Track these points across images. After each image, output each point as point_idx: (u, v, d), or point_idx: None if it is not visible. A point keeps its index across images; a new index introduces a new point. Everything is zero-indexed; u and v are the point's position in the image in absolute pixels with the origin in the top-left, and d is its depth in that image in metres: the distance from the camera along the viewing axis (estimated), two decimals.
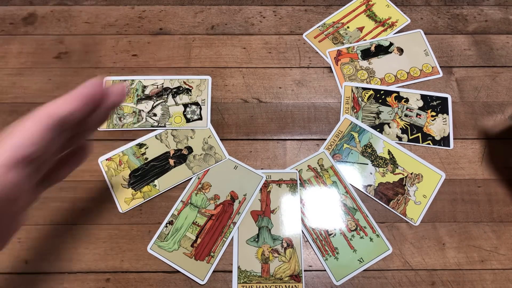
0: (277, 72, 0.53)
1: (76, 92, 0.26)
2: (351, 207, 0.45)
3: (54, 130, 0.25)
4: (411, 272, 0.43)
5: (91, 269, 0.43)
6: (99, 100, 0.28)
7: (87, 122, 0.29)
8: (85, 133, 0.32)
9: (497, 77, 0.53)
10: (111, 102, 0.29)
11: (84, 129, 0.31)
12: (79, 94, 0.26)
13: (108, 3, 0.57)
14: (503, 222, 0.45)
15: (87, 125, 0.30)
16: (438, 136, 0.49)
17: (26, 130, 0.25)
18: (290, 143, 0.49)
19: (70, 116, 0.26)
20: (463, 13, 0.57)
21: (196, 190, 0.46)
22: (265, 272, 0.42)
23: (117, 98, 0.30)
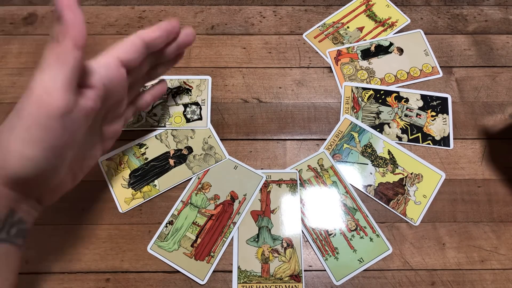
0: (277, 72, 0.53)
1: (159, 25, 0.36)
2: (351, 207, 0.45)
3: (144, 47, 0.35)
4: (411, 272, 0.43)
5: (91, 269, 0.43)
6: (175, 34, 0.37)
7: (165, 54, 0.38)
8: (164, 66, 0.41)
9: (497, 77, 0.53)
10: (182, 39, 0.39)
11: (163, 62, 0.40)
12: (161, 26, 0.36)
13: (108, 3, 0.57)
14: (503, 222, 0.45)
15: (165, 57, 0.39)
16: (438, 136, 0.49)
17: (128, 43, 0.34)
18: (290, 143, 0.49)
19: (155, 40, 0.35)
20: (463, 13, 0.57)
21: (196, 190, 0.46)
22: (265, 272, 0.42)
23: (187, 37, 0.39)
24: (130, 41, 0.34)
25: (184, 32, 0.39)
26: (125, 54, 0.33)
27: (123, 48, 0.33)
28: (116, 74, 0.33)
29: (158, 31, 0.36)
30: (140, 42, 0.34)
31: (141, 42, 0.34)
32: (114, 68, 0.33)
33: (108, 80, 0.32)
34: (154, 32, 0.35)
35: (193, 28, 0.39)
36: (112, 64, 0.32)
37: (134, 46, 0.34)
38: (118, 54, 0.33)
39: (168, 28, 0.36)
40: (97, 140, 0.37)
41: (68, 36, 0.27)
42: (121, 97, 0.36)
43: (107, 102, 0.33)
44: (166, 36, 0.37)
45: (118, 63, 0.33)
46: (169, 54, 0.39)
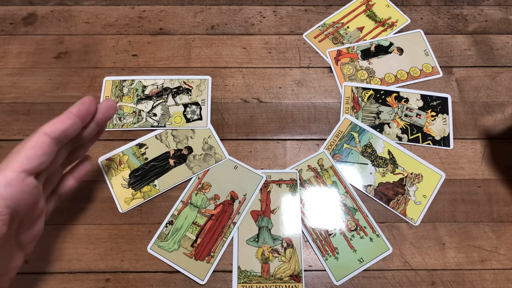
0: (277, 72, 0.53)
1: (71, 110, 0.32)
2: (351, 207, 0.45)
3: (55, 144, 0.31)
4: (411, 272, 0.43)
5: (91, 269, 0.43)
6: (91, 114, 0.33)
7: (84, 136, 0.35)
8: (84, 147, 0.38)
9: (497, 77, 0.53)
10: (102, 116, 0.35)
11: (82, 143, 0.36)
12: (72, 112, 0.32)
13: (108, 3, 0.57)
14: (503, 222, 0.45)
15: (84, 138, 0.35)
16: (438, 136, 0.49)
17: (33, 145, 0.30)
18: (290, 143, 0.49)
19: (67, 132, 0.31)
20: (463, 13, 0.57)
21: (196, 190, 0.46)
22: (265, 272, 0.42)
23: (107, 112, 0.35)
24: (35, 142, 0.29)
25: (102, 106, 0.34)
26: (31, 162, 0.29)
27: (27, 154, 0.29)
28: (22, 189, 0.29)
29: (67, 120, 0.31)
30: (47, 141, 0.30)
31: (49, 140, 0.30)
32: (19, 184, 0.28)
33: (13, 199, 0.28)
34: (63, 122, 0.31)
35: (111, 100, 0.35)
36: (15, 180, 0.28)
37: (41, 148, 0.29)
38: (21, 164, 0.29)
39: (81, 111, 0.32)
40: (14, 252, 0.33)
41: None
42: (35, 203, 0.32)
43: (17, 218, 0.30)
44: (80, 121, 0.32)
45: (22, 176, 0.29)
46: (88, 135, 0.35)
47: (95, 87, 0.51)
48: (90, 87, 0.52)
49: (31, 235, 0.34)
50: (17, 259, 0.33)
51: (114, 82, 0.52)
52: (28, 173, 0.29)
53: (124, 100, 0.51)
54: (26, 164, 0.29)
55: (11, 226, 0.29)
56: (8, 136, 0.49)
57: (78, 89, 0.51)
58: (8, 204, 0.28)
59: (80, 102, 0.32)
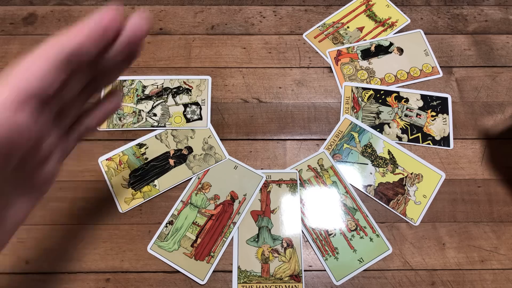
0: (277, 72, 0.53)
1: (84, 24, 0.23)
2: (351, 207, 0.45)
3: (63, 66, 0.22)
4: (411, 272, 0.43)
5: (91, 269, 0.43)
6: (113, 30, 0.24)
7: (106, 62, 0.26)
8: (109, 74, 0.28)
9: (497, 77, 0.53)
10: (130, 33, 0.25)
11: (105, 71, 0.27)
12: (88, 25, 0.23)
13: (108, 3, 0.57)
14: (503, 222, 0.45)
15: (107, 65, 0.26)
16: (438, 136, 0.49)
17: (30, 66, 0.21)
18: (290, 143, 0.49)
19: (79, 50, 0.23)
20: (463, 13, 0.57)
21: (196, 190, 0.46)
22: (265, 272, 0.42)
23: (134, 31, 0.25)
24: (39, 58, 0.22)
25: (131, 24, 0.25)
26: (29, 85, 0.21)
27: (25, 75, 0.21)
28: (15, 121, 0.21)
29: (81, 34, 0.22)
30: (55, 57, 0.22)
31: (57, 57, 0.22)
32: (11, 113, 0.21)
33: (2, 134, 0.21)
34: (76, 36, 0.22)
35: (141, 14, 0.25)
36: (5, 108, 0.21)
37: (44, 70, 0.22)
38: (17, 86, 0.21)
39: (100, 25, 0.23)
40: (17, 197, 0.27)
41: None
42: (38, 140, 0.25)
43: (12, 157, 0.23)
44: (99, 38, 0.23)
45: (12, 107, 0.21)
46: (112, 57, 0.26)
47: None
48: None
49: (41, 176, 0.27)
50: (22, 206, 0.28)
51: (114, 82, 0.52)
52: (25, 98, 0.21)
53: (124, 100, 0.50)
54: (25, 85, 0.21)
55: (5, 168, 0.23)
56: None
57: None
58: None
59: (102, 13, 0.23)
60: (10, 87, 0.21)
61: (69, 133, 0.29)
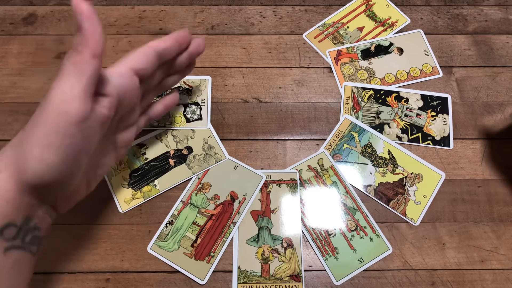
0: (277, 72, 0.53)
1: (170, 35, 0.38)
2: (351, 207, 0.45)
3: (156, 57, 0.36)
4: (411, 272, 0.43)
5: (91, 269, 0.43)
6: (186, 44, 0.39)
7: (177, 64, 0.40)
8: (175, 76, 0.42)
9: (497, 77, 0.53)
10: (193, 49, 0.40)
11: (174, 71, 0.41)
12: (172, 36, 0.37)
13: (108, 3, 0.57)
14: (503, 222, 0.45)
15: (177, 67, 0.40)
16: (438, 136, 0.49)
17: (141, 53, 0.35)
18: (290, 143, 0.49)
19: (166, 50, 0.37)
20: (463, 13, 0.57)
21: (196, 190, 0.46)
22: (265, 272, 0.42)
23: (198, 47, 0.41)
24: (143, 50, 0.35)
25: (195, 42, 0.40)
26: (138, 64, 0.34)
27: (135, 57, 0.35)
28: (129, 83, 0.34)
29: (169, 41, 0.37)
30: (152, 51, 0.35)
31: (153, 51, 0.35)
32: (128, 77, 0.34)
33: (121, 89, 0.33)
34: (165, 42, 0.37)
35: (203, 38, 0.41)
36: (125, 73, 0.33)
37: (146, 56, 0.35)
38: (131, 63, 0.34)
39: (179, 38, 0.38)
40: (111, 148, 0.38)
41: (86, 46, 0.28)
42: (134, 106, 0.37)
43: (120, 110, 0.34)
44: (178, 46, 0.38)
45: (131, 73, 0.34)
46: (180, 63, 0.40)
47: None
48: None
49: (125, 138, 0.39)
50: (110, 158, 0.38)
51: None
52: (135, 71, 0.34)
53: None
54: (135, 64, 0.34)
55: (114, 116, 0.34)
56: (8, 136, 0.49)
57: None
58: (118, 91, 0.32)
59: (178, 31, 0.38)
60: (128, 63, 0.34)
61: (142, 115, 0.41)
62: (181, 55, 0.40)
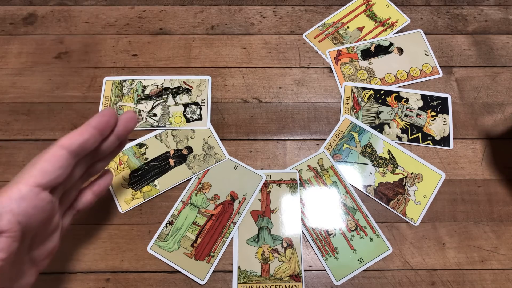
0: (277, 72, 0.53)
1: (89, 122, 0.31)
2: (351, 207, 0.45)
3: (72, 157, 0.30)
4: (411, 272, 0.43)
5: (91, 269, 0.43)
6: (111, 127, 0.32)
7: (103, 149, 0.33)
8: (104, 160, 0.36)
9: (497, 77, 0.53)
10: (122, 129, 0.33)
11: (102, 157, 0.35)
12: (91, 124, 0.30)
13: (108, 3, 0.57)
14: (503, 222, 0.45)
15: (104, 152, 0.34)
16: (438, 136, 0.49)
17: (49, 159, 0.29)
18: (290, 143, 0.49)
19: (85, 144, 0.30)
20: (463, 13, 0.57)
21: (196, 190, 0.46)
22: (265, 272, 0.42)
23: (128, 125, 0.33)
24: (52, 154, 0.29)
25: (122, 119, 0.33)
26: (45, 176, 0.28)
27: (42, 168, 0.28)
28: (36, 204, 0.28)
29: (86, 132, 0.30)
30: (64, 154, 0.29)
31: (65, 153, 0.29)
32: (32, 199, 0.27)
33: (25, 215, 0.27)
34: (81, 135, 0.30)
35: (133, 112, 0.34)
36: (29, 194, 0.27)
37: (57, 161, 0.29)
38: (37, 178, 0.28)
39: (101, 123, 0.31)
40: (27, 268, 0.32)
41: None
42: (49, 218, 0.31)
43: (29, 233, 0.29)
44: (99, 134, 0.31)
45: (37, 190, 0.28)
46: (107, 148, 0.33)
47: (95, 87, 0.51)
48: (90, 87, 0.52)
49: (45, 251, 0.32)
50: (30, 276, 0.32)
51: (114, 82, 0.52)
52: (42, 187, 0.28)
53: (124, 100, 0.51)
54: (41, 178, 0.28)
55: (22, 243, 0.28)
56: (8, 136, 0.49)
57: (78, 89, 0.51)
58: (20, 220, 0.27)
59: (100, 114, 0.31)
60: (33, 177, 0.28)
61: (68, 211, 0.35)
62: (107, 140, 0.33)
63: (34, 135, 0.49)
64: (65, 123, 0.49)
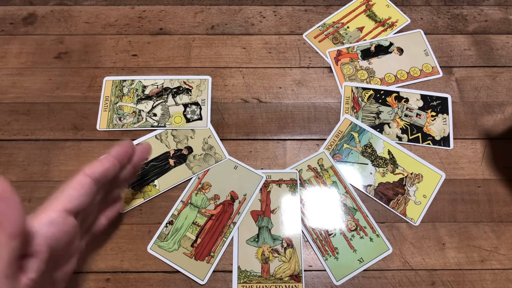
0: (277, 72, 0.53)
1: (111, 153, 0.35)
2: (351, 207, 0.45)
3: (95, 184, 0.33)
4: (411, 272, 0.43)
5: (91, 269, 0.43)
6: (128, 157, 0.36)
7: (120, 178, 0.37)
8: (119, 187, 0.40)
9: (497, 77, 0.53)
10: (138, 159, 0.38)
11: (118, 183, 0.38)
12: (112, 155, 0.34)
13: (108, 3, 0.57)
14: (503, 222, 0.45)
15: (120, 179, 0.37)
16: (438, 136, 0.49)
17: (75, 186, 0.32)
18: (290, 143, 0.49)
19: (107, 172, 0.34)
20: (463, 13, 0.57)
21: (196, 190, 0.46)
22: (265, 272, 0.42)
23: (143, 155, 0.39)
24: (78, 182, 0.32)
25: (139, 149, 0.37)
26: (72, 202, 0.31)
27: (69, 194, 0.31)
28: (63, 229, 0.30)
29: (107, 162, 0.34)
30: (88, 181, 0.32)
31: (90, 181, 0.32)
32: (60, 223, 0.30)
33: (53, 238, 0.29)
34: (103, 165, 0.33)
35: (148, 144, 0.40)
36: (57, 219, 0.30)
37: (82, 189, 0.32)
38: (64, 203, 0.30)
39: (120, 154, 0.35)
40: None
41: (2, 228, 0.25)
42: (72, 242, 0.33)
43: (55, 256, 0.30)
44: (119, 164, 0.35)
45: (64, 215, 0.30)
46: (124, 177, 0.37)
47: (95, 87, 0.51)
48: (90, 87, 0.52)
49: (64, 272, 0.34)
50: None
51: (114, 82, 0.52)
52: (69, 212, 0.31)
53: (124, 100, 0.51)
54: (68, 204, 0.31)
55: (48, 264, 0.29)
56: (8, 136, 0.49)
57: (78, 89, 0.51)
58: (49, 243, 0.29)
59: (120, 146, 0.35)
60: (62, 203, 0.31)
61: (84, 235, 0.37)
62: (125, 169, 0.36)
63: (34, 135, 0.49)
64: (65, 123, 0.49)
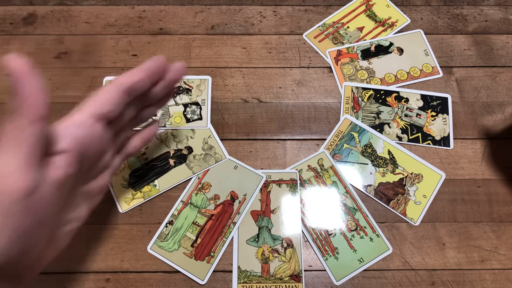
0: (277, 72, 0.53)
1: (142, 66, 0.33)
2: (351, 207, 0.45)
3: (125, 95, 0.32)
4: (411, 272, 0.43)
5: (91, 269, 0.43)
6: (161, 72, 0.35)
7: (153, 95, 0.36)
8: (153, 107, 0.38)
9: (497, 77, 0.53)
10: (170, 77, 0.36)
11: (151, 102, 0.37)
12: (144, 67, 0.33)
13: (108, 3, 0.57)
14: (503, 222, 0.45)
15: (153, 98, 0.36)
16: (438, 136, 0.49)
17: (104, 94, 0.31)
18: (290, 143, 0.49)
19: (137, 84, 0.33)
20: (463, 13, 0.57)
21: (196, 190, 0.46)
22: (265, 272, 0.42)
23: (176, 74, 0.36)
24: (108, 90, 0.31)
25: (174, 68, 0.36)
26: (101, 107, 0.31)
27: (99, 100, 0.31)
28: (92, 132, 0.30)
29: (140, 73, 0.33)
30: (118, 90, 0.32)
31: (120, 89, 0.32)
32: (89, 126, 0.30)
33: (83, 140, 0.29)
34: (135, 75, 0.33)
35: (183, 63, 0.37)
36: (85, 122, 0.30)
37: (112, 96, 0.31)
38: (94, 108, 0.30)
39: (152, 68, 0.34)
40: (81, 200, 0.33)
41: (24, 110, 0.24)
42: (103, 151, 0.33)
43: (86, 162, 0.31)
44: (151, 77, 0.34)
45: (93, 120, 0.30)
46: (156, 94, 0.36)
47: (95, 87, 0.52)
48: (90, 87, 0.52)
49: (97, 186, 0.34)
50: (82, 211, 0.34)
51: None
52: (97, 117, 0.30)
53: None
54: (95, 109, 0.30)
55: (80, 170, 0.30)
56: None
57: (78, 89, 0.51)
58: (77, 145, 0.29)
59: (152, 59, 0.34)
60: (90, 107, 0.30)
61: (117, 154, 0.37)
62: (157, 86, 0.35)
63: None
64: None
